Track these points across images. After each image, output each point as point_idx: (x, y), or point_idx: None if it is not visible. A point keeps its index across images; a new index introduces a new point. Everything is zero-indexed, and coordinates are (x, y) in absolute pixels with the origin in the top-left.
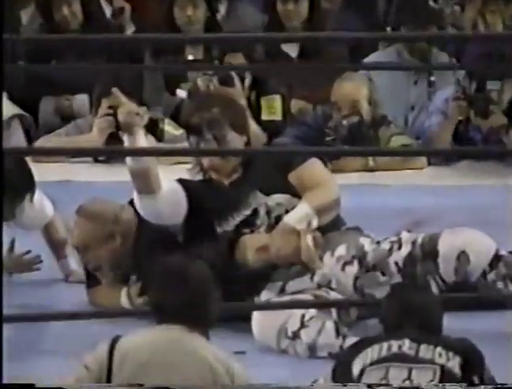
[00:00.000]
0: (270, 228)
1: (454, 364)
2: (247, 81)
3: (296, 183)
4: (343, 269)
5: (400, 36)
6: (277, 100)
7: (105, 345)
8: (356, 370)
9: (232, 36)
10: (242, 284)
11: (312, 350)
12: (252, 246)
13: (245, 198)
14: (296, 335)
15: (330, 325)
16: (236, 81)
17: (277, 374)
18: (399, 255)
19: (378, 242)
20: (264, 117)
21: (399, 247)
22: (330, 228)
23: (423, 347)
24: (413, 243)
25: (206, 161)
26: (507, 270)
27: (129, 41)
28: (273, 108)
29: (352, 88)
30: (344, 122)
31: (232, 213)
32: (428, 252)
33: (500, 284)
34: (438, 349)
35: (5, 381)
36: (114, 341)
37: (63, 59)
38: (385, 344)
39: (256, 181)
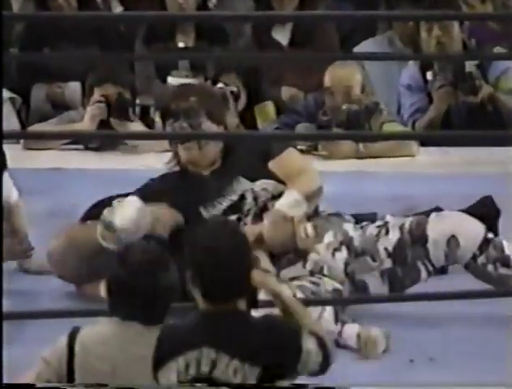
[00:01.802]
0: (257, 215)
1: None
2: (242, 98)
3: (278, 172)
4: (333, 255)
5: (394, 15)
6: (269, 105)
7: (64, 338)
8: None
9: (223, 14)
10: None
11: None
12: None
13: (229, 184)
14: None
15: (329, 311)
16: (231, 104)
17: None
18: (388, 240)
19: (362, 227)
20: (260, 126)
21: (387, 232)
22: (313, 214)
23: (221, 360)
24: (401, 228)
25: (183, 155)
26: (497, 253)
27: (120, 20)
28: (266, 114)
29: (347, 74)
30: (344, 107)
31: (216, 199)
32: (417, 237)
33: (490, 267)
34: (235, 362)
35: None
36: (73, 334)
37: (55, 47)
38: (181, 361)
39: (236, 170)
